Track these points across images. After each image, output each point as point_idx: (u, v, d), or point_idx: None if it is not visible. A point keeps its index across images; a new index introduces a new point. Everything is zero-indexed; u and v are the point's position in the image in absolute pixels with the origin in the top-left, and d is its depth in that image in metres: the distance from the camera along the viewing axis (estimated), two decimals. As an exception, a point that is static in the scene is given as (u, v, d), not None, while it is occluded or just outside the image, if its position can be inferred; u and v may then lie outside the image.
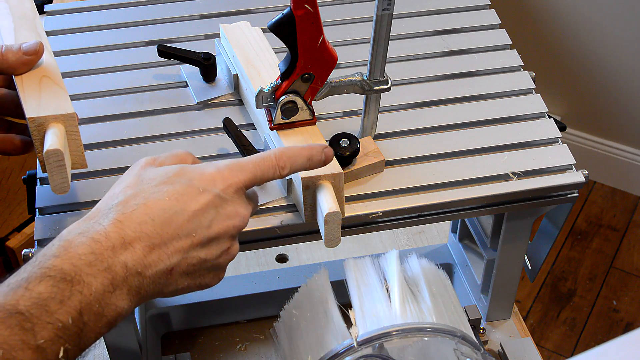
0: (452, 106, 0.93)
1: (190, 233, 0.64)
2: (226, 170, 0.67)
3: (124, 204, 0.63)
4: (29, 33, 0.82)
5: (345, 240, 0.83)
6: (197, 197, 0.65)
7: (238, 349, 1.06)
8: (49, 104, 0.74)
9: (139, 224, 0.62)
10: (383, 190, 0.84)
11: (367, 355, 0.78)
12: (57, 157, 0.70)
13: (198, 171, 0.67)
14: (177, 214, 0.64)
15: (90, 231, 0.61)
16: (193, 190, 0.65)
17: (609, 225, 2.40)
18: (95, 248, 0.60)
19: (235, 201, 0.67)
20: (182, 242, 0.64)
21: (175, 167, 0.67)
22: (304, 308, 0.86)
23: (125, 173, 0.69)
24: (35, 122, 0.72)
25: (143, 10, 1.04)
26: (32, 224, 1.12)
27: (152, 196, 0.64)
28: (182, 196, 0.64)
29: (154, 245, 0.62)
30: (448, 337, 0.80)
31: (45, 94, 0.75)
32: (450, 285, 0.88)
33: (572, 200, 0.89)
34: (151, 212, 0.63)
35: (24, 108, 0.74)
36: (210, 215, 0.65)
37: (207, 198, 0.65)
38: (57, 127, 0.72)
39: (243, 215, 0.68)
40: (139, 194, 0.64)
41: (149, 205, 0.63)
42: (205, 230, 0.65)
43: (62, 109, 0.73)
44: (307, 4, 0.73)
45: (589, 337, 2.12)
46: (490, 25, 1.03)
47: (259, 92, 0.81)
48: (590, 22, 2.23)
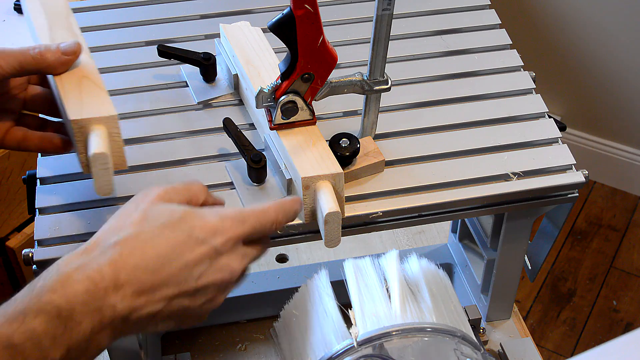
0: (452, 106, 0.93)
1: (179, 282, 0.65)
2: (228, 221, 0.68)
3: (123, 244, 0.64)
4: (64, 31, 0.81)
5: (345, 240, 0.83)
6: (194, 248, 0.66)
7: (238, 349, 1.06)
8: (91, 105, 0.74)
9: (133, 268, 0.63)
10: (383, 190, 0.84)
11: (367, 355, 0.78)
12: (103, 160, 0.71)
13: (201, 220, 0.67)
14: (171, 262, 0.64)
15: (88, 268, 0.62)
16: (192, 240, 0.66)
17: (609, 225, 2.40)
18: (90, 287, 0.61)
19: (230, 255, 0.68)
20: (170, 290, 0.65)
21: (180, 211, 0.67)
22: (304, 308, 0.86)
23: (133, 202, 0.69)
24: (78, 124, 0.72)
25: (143, 10, 1.04)
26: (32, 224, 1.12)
27: (152, 240, 0.65)
28: (180, 245, 0.65)
29: (143, 290, 0.63)
30: (448, 337, 0.80)
31: (86, 95, 0.75)
32: (450, 285, 0.88)
33: (572, 200, 0.89)
34: (147, 258, 0.64)
35: (65, 109, 0.73)
36: (202, 267, 0.66)
37: (204, 250, 0.66)
38: (100, 128, 0.73)
39: (233, 270, 0.68)
40: (139, 235, 0.65)
41: (146, 251, 0.64)
42: (194, 281, 0.66)
43: (104, 111, 0.73)
44: (307, 4, 0.73)
45: (589, 337, 2.12)
46: (490, 25, 1.03)
47: (259, 92, 0.81)
48: (590, 22, 2.23)
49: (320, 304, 0.85)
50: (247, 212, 0.70)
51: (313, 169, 0.79)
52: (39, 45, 0.76)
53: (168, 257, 0.64)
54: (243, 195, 0.83)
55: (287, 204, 0.73)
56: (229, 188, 0.84)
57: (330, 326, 0.82)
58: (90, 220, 0.80)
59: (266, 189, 0.83)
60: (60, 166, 0.85)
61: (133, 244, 0.64)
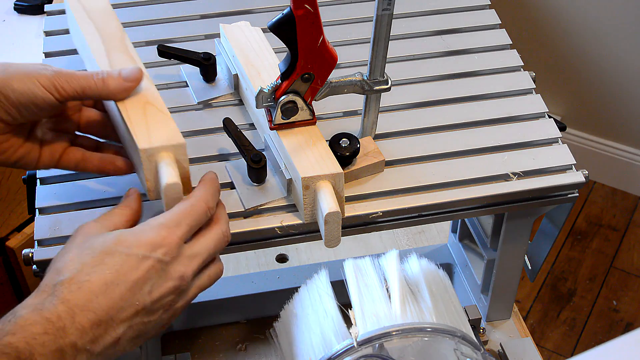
0: (452, 106, 0.93)
1: (133, 302, 0.66)
2: (163, 230, 0.69)
3: (69, 282, 0.65)
4: (122, 55, 0.81)
5: (345, 240, 0.83)
6: (138, 266, 0.67)
7: (238, 349, 1.06)
8: (159, 134, 0.74)
9: (85, 301, 0.64)
10: (383, 190, 0.84)
11: (367, 355, 0.78)
12: (175, 189, 0.72)
13: (137, 237, 0.68)
14: (119, 286, 0.66)
15: (44, 310, 0.63)
16: (132, 259, 0.67)
17: (609, 225, 2.40)
18: (48, 328, 0.62)
19: (176, 262, 0.69)
20: (126, 313, 0.66)
21: (113, 236, 0.68)
22: (303, 308, 0.86)
23: (68, 243, 0.70)
24: (147, 153, 0.73)
25: (143, 10, 1.04)
26: (32, 224, 1.12)
27: (94, 271, 0.66)
28: (122, 267, 0.66)
29: (100, 320, 0.65)
30: (448, 337, 0.80)
31: (152, 122, 0.75)
32: (450, 285, 0.88)
33: (572, 200, 0.89)
34: (95, 289, 0.65)
35: (133, 138, 0.74)
36: (151, 281, 0.67)
37: (147, 265, 0.67)
38: (169, 157, 0.74)
39: (183, 275, 0.69)
40: (82, 270, 0.66)
41: (92, 282, 0.65)
42: (147, 296, 0.67)
43: (173, 140, 0.74)
44: (307, 4, 0.73)
45: (589, 337, 2.12)
46: (490, 25, 1.03)
47: (259, 92, 0.81)
48: (590, 22, 2.23)
49: (320, 304, 0.85)
50: (179, 213, 0.70)
51: (313, 169, 0.79)
52: (102, 72, 0.76)
53: (114, 282, 0.66)
54: (243, 195, 0.83)
55: (207, 184, 0.74)
56: (229, 188, 0.84)
57: (330, 326, 0.82)
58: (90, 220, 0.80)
59: (266, 189, 0.83)
60: (60, 166, 0.85)
61: (79, 279, 0.65)
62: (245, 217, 0.82)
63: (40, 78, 0.73)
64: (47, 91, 0.73)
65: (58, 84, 0.73)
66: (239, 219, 0.81)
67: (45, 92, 0.73)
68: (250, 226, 0.81)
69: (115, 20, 0.86)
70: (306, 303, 0.86)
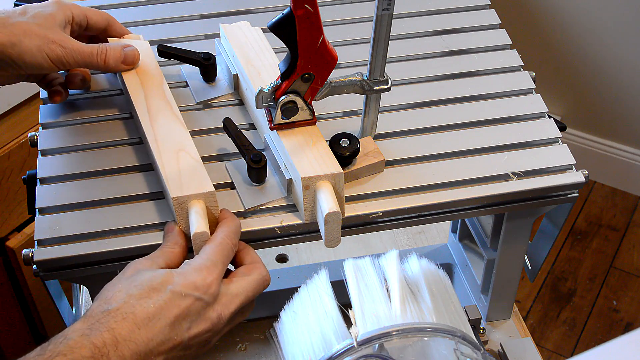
0: (452, 106, 0.93)
1: (172, 337, 0.70)
2: (204, 271, 0.73)
3: (115, 312, 0.69)
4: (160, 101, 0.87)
5: (345, 240, 0.83)
6: (179, 303, 0.71)
7: (238, 349, 1.06)
8: (191, 182, 0.78)
9: (129, 332, 0.68)
10: (383, 190, 0.84)
11: (367, 355, 0.78)
12: (203, 237, 0.76)
13: (182, 277, 0.72)
14: (160, 320, 0.70)
15: (91, 336, 0.67)
16: (176, 296, 0.71)
17: (609, 225, 2.40)
18: (94, 352, 0.67)
19: (215, 301, 0.73)
20: (165, 346, 0.70)
21: (162, 274, 0.72)
22: (304, 308, 0.86)
23: (119, 274, 0.74)
24: (178, 201, 0.77)
25: (143, 10, 1.04)
26: (32, 224, 1.12)
27: (140, 305, 0.70)
28: (166, 303, 0.70)
29: (140, 351, 0.69)
30: (448, 337, 0.80)
31: (184, 169, 0.79)
32: (450, 285, 0.88)
33: (572, 200, 0.89)
34: (138, 321, 0.69)
35: (165, 186, 0.78)
36: (190, 318, 0.71)
37: (188, 302, 0.71)
38: (199, 204, 0.77)
39: (221, 315, 0.73)
40: (128, 302, 0.70)
41: (136, 314, 0.69)
42: (185, 333, 0.71)
43: (203, 188, 0.77)
44: (307, 4, 0.73)
45: (589, 337, 2.12)
46: (490, 25, 1.03)
47: (259, 92, 0.81)
48: (590, 22, 2.23)
49: (320, 304, 0.84)
50: (212, 253, 0.75)
51: (313, 169, 0.79)
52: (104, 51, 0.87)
53: (157, 316, 0.70)
54: (243, 195, 0.83)
55: (229, 221, 0.79)
56: (229, 188, 0.84)
57: (330, 326, 0.82)
58: (90, 220, 0.80)
59: (266, 189, 0.83)
60: (60, 166, 0.85)
61: (125, 310, 0.69)
62: (245, 217, 0.82)
63: (51, 53, 0.83)
64: (54, 65, 0.84)
65: (65, 60, 0.84)
66: (239, 219, 0.81)
67: (53, 66, 0.84)
68: (250, 226, 0.81)
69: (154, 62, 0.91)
70: (306, 303, 0.86)
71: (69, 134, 0.89)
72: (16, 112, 1.43)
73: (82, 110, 0.91)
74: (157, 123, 0.84)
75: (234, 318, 0.76)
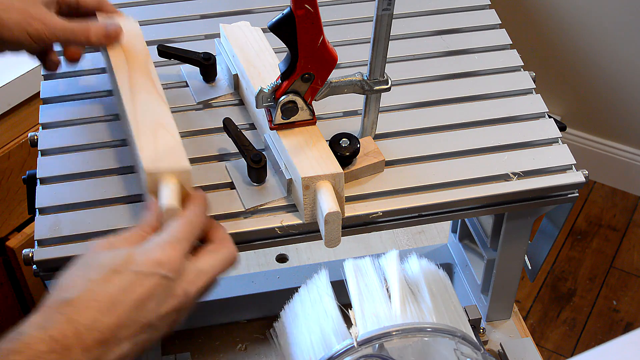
0: (452, 106, 0.93)
1: (138, 319, 0.66)
2: (168, 247, 0.69)
3: (76, 301, 0.64)
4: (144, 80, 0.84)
5: (345, 240, 0.83)
6: (143, 283, 0.66)
7: (238, 349, 1.06)
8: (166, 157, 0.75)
9: (92, 321, 0.64)
10: (383, 190, 0.84)
11: (367, 355, 0.78)
12: (172, 213, 0.72)
13: (144, 255, 0.68)
14: (124, 303, 0.65)
15: (49, 328, 0.63)
16: (139, 276, 0.66)
17: (609, 225, 2.40)
18: (53, 347, 0.62)
19: (180, 278, 0.69)
20: (131, 330, 0.66)
21: (122, 254, 0.68)
22: (304, 308, 0.86)
23: (76, 259, 0.69)
24: (152, 176, 0.74)
25: (143, 10, 1.04)
26: (32, 224, 1.12)
27: (102, 289, 0.65)
28: (130, 285, 0.66)
29: (104, 339, 0.64)
30: (448, 337, 0.80)
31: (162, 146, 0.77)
32: (450, 285, 0.88)
33: (572, 200, 0.89)
34: (102, 308, 0.64)
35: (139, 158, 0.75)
36: (156, 298, 0.67)
37: (153, 282, 0.67)
38: (173, 181, 0.74)
39: (188, 292, 0.69)
40: (89, 287, 0.65)
41: (99, 301, 0.65)
42: (152, 313, 0.67)
43: (178, 164, 0.75)
44: (307, 4, 0.73)
45: (589, 337, 2.12)
46: (490, 25, 1.03)
47: (259, 92, 0.81)
48: (590, 22, 2.23)
49: (320, 304, 0.84)
50: (177, 229, 0.70)
51: (313, 169, 0.79)
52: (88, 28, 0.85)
53: (121, 299, 0.65)
54: (243, 195, 0.83)
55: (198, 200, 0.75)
56: (229, 188, 0.84)
57: (330, 326, 0.82)
58: (90, 220, 0.81)
59: (266, 189, 0.83)
60: (60, 166, 0.85)
61: (86, 298, 0.65)
62: (245, 217, 0.82)
63: (30, 29, 0.82)
64: (34, 41, 0.83)
65: (45, 36, 0.83)
66: (239, 219, 0.81)
67: (32, 42, 0.83)
68: (250, 226, 0.81)
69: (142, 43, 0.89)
70: (306, 303, 0.86)
71: (69, 134, 0.89)
72: (16, 112, 1.43)
73: (82, 110, 0.91)
74: (138, 99, 0.81)
75: (201, 295, 0.71)
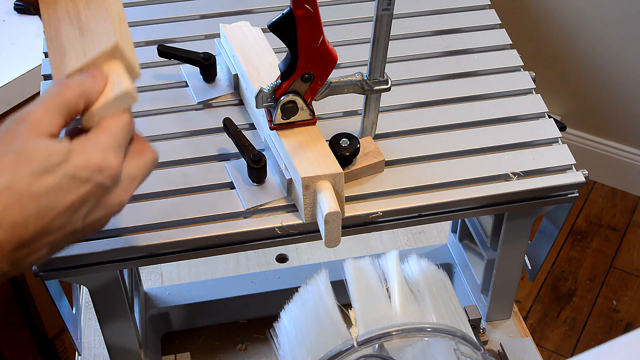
0: (452, 106, 0.93)
1: (64, 226, 0.60)
2: (111, 153, 0.61)
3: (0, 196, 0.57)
4: None
5: (345, 240, 0.83)
6: (79, 188, 0.60)
7: (238, 349, 1.06)
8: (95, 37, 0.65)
9: (12, 225, 0.57)
10: (383, 190, 0.84)
11: (367, 355, 0.78)
12: (130, 99, 0.65)
13: (84, 157, 0.60)
14: (54, 208, 0.59)
15: None
16: (75, 181, 0.59)
17: (609, 225, 2.40)
18: None
19: (118, 187, 0.63)
20: (53, 236, 0.60)
21: (61, 152, 0.59)
22: (304, 308, 0.86)
23: (4, 134, 0.60)
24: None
25: (143, 10, 1.04)
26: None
27: (30, 189, 0.58)
28: (63, 189, 0.59)
29: (23, 244, 0.59)
30: (448, 337, 0.80)
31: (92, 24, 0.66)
32: (450, 285, 0.88)
33: (572, 200, 0.89)
34: (26, 212, 0.58)
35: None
36: (88, 206, 0.61)
37: (88, 188, 0.60)
38: (118, 65, 0.65)
39: (122, 201, 0.64)
40: (15, 185, 0.57)
41: (24, 203, 0.58)
42: (80, 222, 0.61)
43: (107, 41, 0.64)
44: (307, 4, 0.73)
45: (589, 337, 2.12)
46: (490, 25, 1.03)
47: (259, 92, 0.81)
48: (590, 22, 2.23)
49: (320, 304, 0.84)
50: (120, 133, 0.63)
51: (313, 169, 0.79)
52: None
53: (50, 204, 0.59)
54: (243, 195, 0.83)
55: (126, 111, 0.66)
56: (229, 188, 0.84)
57: (330, 326, 0.82)
58: (90, 220, 0.80)
59: (266, 189, 0.83)
60: (60, 166, 0.85)
61: (9, 196, 0.57)
62: (245, 217, 0.82)
63: None
64: None
65: None
66: (239, 219, 0.81)
67: None
68: (250, 226, 0.81)
69: None
70: (306, 303, 0.86)
71: (69, 134, 0.89)
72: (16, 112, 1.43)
73: (82, 110, 0.91)
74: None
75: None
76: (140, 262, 0.81)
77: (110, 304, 0.88)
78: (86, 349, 1.06)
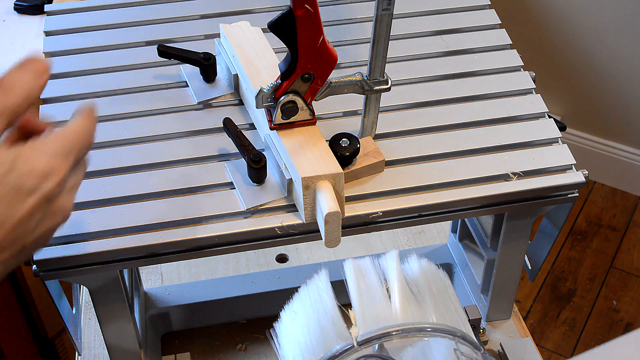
0: (452, 106, 0.93)
1: (15, 241, 0.59)
2: (57, 160, 0.60)
3: None
4: None
5: (345, 240, 0.83)
6: (26, 200, 0.58)
7: (238, 349, 1.06)
8: None
9: None
10: (383, 190, 0.84)
11: (367, 355, 0.78)
12: None
13: (30, 165, 0.58)
14: (3, 225, 0.57)
15: None
16: (22, 193, 0.58)
17: (609, 225, 2.40)
18: None
19: (62, 195, 0.61)
20: (6, 254, 0.58)
21: (6, 161, 0.57)
22: (304, 308, 0.86)
23: None
24: None
25: (143, 10, 1.04)
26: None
27: None
28: (11, 202, 0.57)
29: None
30: (448, 337, 0.80)
31: None
32: (450, 285, 0.88)
33: (572, 200, 0.89)
34: None
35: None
36: (37, 217, 0.59)
37: (35, 199, 0.58)
38: None
39: (66, 210, 0.62)
40: None
41: None
42: (30, 236, 0.60)
43: None
44: (307, 3, 0.73)
45: (589, 337, 2.12)
46: (490, 25, 1.03)
47: (259, 92, 0.81)
48: (590, 22, 2.23)
49: (320, 304, 0.84)
50: (69, 140, 0.61)
51: (313, 169, 0.79)
52: None
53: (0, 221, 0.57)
54: (243, 195, 0.83)
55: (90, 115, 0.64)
56: (229, 188, 0.84)
57: (330, 326, 0.82)
58: (90, 220, 0.80)
59: (266, 189, 0.83)
60: (60, 166, 0.85)
61: None
62: (245, 217, 0.82)
63: None
64: None
65: None
66: (239, 219, 0.81)
67: None
68: (250, 226, 0.81)
69: None
70: (306, 303, 0.86)
71: (69, 134, 0.89)
72: (16, 112, 1.43)
73: (82, 110, 0.91)
74: None
75: None
76: (140, 262, 0.81)
77: (110, 304, 0.88)
78: (86, 349, 1.06)
